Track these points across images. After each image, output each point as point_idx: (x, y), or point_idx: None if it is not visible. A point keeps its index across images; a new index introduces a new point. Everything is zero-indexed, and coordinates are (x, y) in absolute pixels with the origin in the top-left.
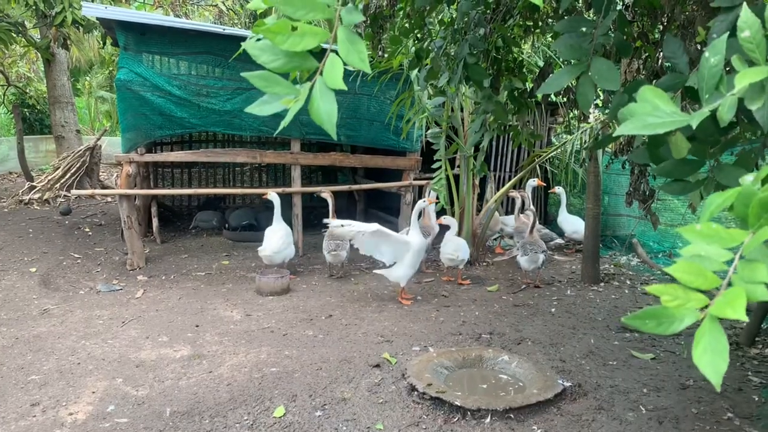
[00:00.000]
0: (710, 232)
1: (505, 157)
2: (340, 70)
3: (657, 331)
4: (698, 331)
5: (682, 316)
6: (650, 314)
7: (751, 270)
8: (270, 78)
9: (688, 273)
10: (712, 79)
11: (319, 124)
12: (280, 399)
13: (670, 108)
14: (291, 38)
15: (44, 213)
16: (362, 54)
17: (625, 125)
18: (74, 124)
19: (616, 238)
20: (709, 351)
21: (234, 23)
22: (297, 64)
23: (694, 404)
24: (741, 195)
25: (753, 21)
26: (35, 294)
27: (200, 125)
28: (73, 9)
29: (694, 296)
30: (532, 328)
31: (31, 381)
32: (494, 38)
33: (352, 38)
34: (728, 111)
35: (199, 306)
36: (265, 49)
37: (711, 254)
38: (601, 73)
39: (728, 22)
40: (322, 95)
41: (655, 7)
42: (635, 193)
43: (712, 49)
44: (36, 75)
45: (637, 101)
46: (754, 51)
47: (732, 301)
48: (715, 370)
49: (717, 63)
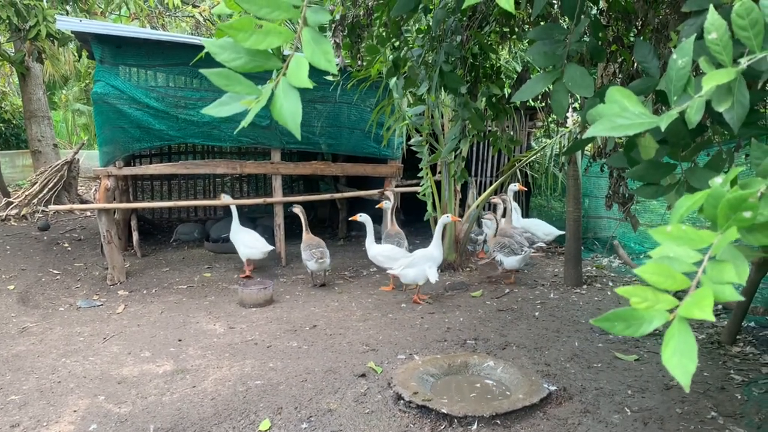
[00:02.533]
0: (680, 234)
1: (486, 163)
2: (305, 68)
3: (626, 332)
4: (667, 333)
5: (651, 317)
6: (619, 316)
7: (719, 270)
8: (231, 76)
9: (658, 274)
10: (679, 81)
11: (283, 124)
12: (265, 412)
13: (639, 109)
14: (254, 36)
15: (22, 229)
16: (328, 54)
17: (595, 127)
18: (51, 138)
19: (597, 240)
20: (678, 353)
21: (211, 34)
22: (259, 63)
23: (678, 404)
24: (710, 197)
25: (720, 23)
26: (14, 312)
27: (179, 137)
28: (48, 23)
29: (663, 298)
30: (517, 333)
31: (11, 401)
32: (471, 45)
33: (318, 39)
34: (696, 113)
35: (181, 320)
36: (226, 47)
37: (680, 256)
38: (575, 80)
39: (697, 26)
40: (285, 95)
41: (630, 11)
42: (614, 196)
43: (679, 51)
44: (11, 89)
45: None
46: (721, 53)
47: (700, 302)
48: (683, 371)
49: (684, 65)
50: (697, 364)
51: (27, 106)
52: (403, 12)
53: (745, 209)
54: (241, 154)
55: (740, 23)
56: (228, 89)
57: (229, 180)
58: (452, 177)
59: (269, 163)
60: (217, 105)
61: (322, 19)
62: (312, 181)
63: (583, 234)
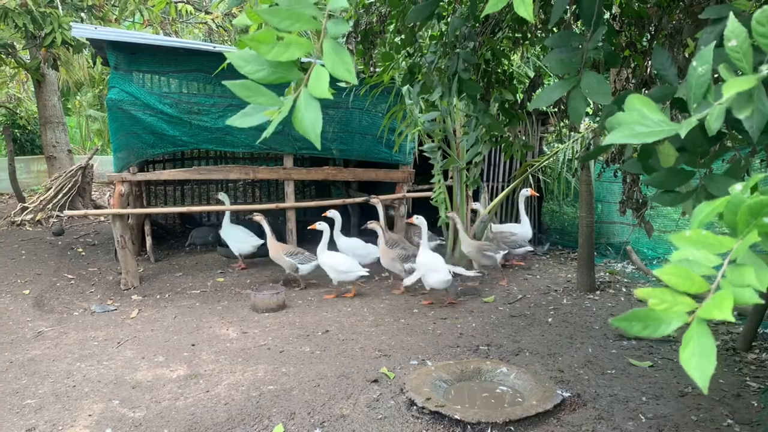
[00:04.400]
0: (699, 239)
1: (498, 168)
2: (326, 79)
3: (644, 333)
4: (686, 334)
5: (670, 319)
6: (637, 316)
7: (740, 274)
8: (253, 88)
9: (677, 276)
10: (699, 88)
11: (303, 134)
12: (278, 417)
13: (658, 117)
14: (276, 48)
15: (37, 234)
16: (348, 65)
17: (613, 134)
18: (65, 144)
19: (610, 246)
20: (696, 354)
21: (224, 40)
22: (281, 74)
23: (693, 411)
24: (730, 203)
25: (740, 31)
26: (29, 316)
27: (192, 143)
28: (63, 30)
29: (681, 300)
30: (530, 339)
31: (27, 405)
32: (483, 51)
33: (338, 50)
34: (716, 120)
35: (194, 324)
36: (249, 59)
37: (700, 259)
38: (592, 87)
39: (716, 34)
40: (306, 105)
41: (643, 16)
42: (628, 202)
43: (699, 59)
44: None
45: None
46: (741, 60)
47: (719, 303)
48: (702, 373)
49: (704, 72)
50: (716, 365)
51: (42, 112)
52: (418, 20)
53: (765, 215)
54: (254, 159)
55: (760, 30)
56: (251, 100)
57: (242, 185)
58: (464, 183)
59: (281, 168)
60: (241, 116)
61: (342, 30)
62: (323, 187)
63: (596, 239)
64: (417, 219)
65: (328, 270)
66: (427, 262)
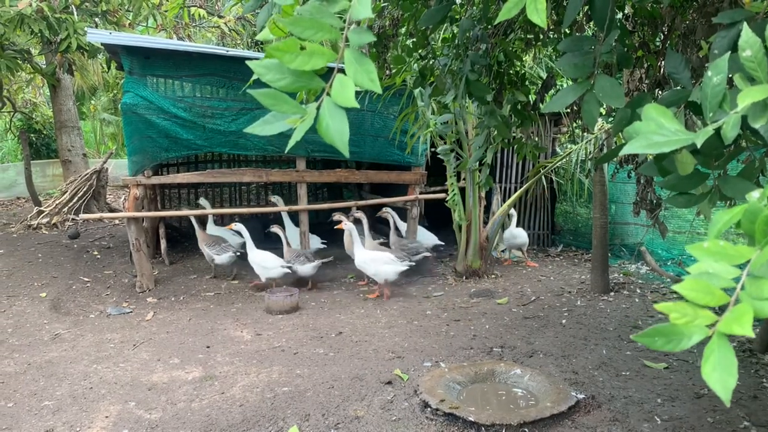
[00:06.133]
0: (717, 250)
1: (511, 169)
2: (351, 88)
3: (666, 348)
4: (707, 348)
5: (691, 333)
6: (659, 332)
7: (758, 287)
8: (277, 96)
9: (697, 290)
10: (715, 97)
11: (330, 143)
12: (293, 419)
13: (675, 126)
14: (299, 57)
15: (53, 237)
16: (371, 74)
17: (631, 144)
18: (81, 148)
19: (624, 247)
20: (718, 368)
21: (237, 44)
22: (304, 83)
23: (709, 413)
24: (747, 212)
25: (754, 41)
26: (46, 319)
27: (206, 146)
28: (78, 35)
29: (702, 313)
30: (544, 340)
31: (45, 407)
32: (496, 53)
33: (360, 59)
34: (732, 129)
35: (209, 326)
36: (272, 67)
37: (719, 271)
38: (606, 91)
39: (729, 39)
40: (331, 114)
41: (656, 17)
42: (642, 203)
43: (714, 68)
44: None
45: (639, 115)
46: (756, 70)
47: (739, 318)
48: (724, 387)
49: (720, 82)
50: (737, 378)
51: (57, 116)
52: (430, 23)
53: None
54: (267, 162)
55: None
56: (274, 109)
57: (255, 188)
58: (477, 184)
59: (294, 171)
60: (262, 124)
61: (364, 39)
62: (336, 189)
63: (610, 240)
64: (346, 225)
65: (255, 267)
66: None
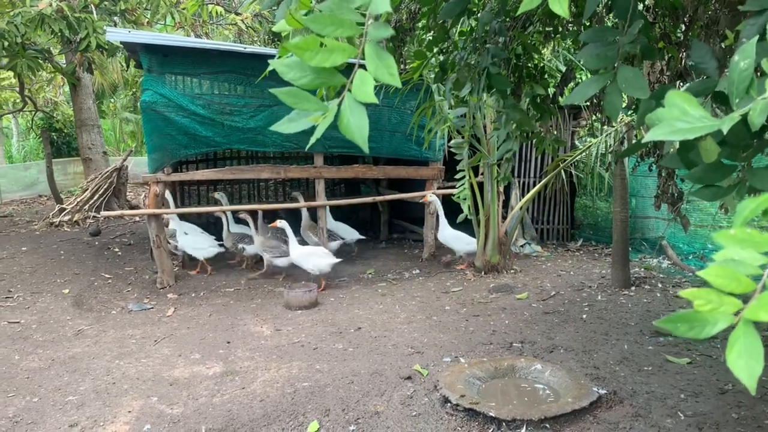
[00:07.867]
0: (744, 237)
1: (529, 163)
2: (370, 84)
3: (689, 335)
4: (732, 335)
5: (715, 320)
6: (683, 318)
7: None
8: (299, 94)
9: (722, 277)
10: (742, 83)
11: (350, 138)
12: (313, 414)
13: (699, 112)
14: (320, 54)
15: (74, 234)
16: (392, 69)
17: (654, 131)
18: (101, 146)
19: (645, 241)
20: (744, 354)
21: (254, 41)
22: (325, 80)
23: (734, 409)
24: None
25: None
26: (69, 315)
27: (225, 143)
28: (97, 34)
29: (727, 300)
30: (564, 335)
31: (69, 402)
32: (514, 46)
33: (381, 54)
34: (759, 115)
35: (229, 322)
36: (293, 65)
37: (745, 258)
38: (629, 81)
39: (758, 26)
40: (352, 110)
41: (677, 7)
42: (664, 196)
43: (741, 53)
44: (62, 99)
45: (664, 106)
46: None
47: (766, 305)
48: (750, 374)
49: (747, 67)
50: (763, 366)
51: (78, 115)
52: (449, 16)
53: None
54: (285, 158)
55: None
56: (297, 107)
57: (273, 184)
58: (495, 179)
59: (312, 167)
60: (286, 122)
61: (384, 34)
62: (353, 184)
63: (631, 234)
64: (280, 222)
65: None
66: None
